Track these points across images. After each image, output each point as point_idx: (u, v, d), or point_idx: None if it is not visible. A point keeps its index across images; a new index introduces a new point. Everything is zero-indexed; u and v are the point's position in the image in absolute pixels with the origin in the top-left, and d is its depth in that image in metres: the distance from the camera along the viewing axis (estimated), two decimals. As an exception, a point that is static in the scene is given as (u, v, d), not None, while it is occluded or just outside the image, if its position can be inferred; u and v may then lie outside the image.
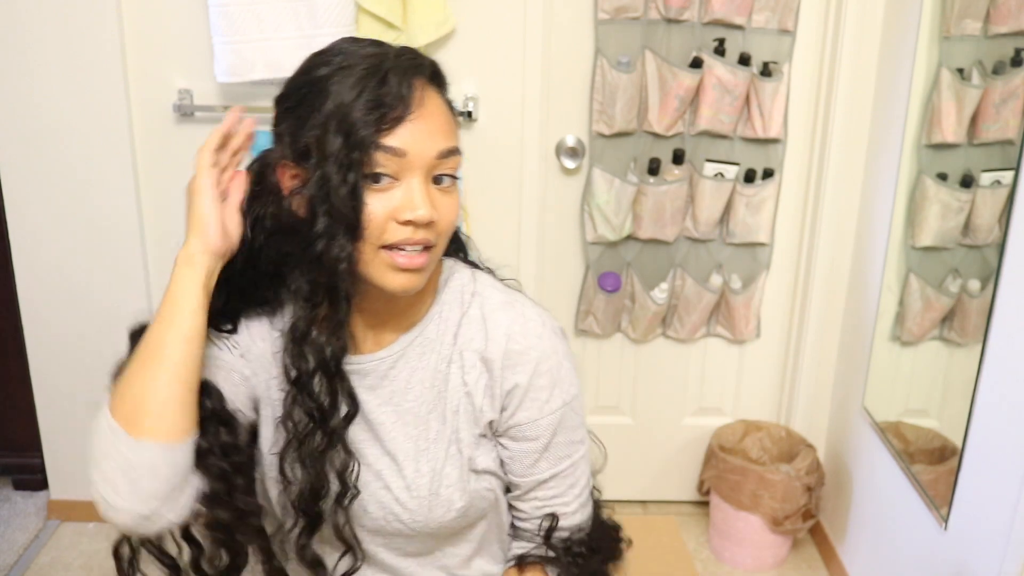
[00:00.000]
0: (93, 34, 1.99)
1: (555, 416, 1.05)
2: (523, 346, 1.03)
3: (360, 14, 1.96)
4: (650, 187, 2.15)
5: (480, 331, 1.04)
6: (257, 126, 2.30)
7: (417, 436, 1.05)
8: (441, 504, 1.04)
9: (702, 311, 2.29)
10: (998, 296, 1.52)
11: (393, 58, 0.94)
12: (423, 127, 0.93)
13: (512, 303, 1.06)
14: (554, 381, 1.04)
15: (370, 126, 0.90)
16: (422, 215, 0.92)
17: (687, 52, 2.08)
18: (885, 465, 1.96)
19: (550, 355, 1.04)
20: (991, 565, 1.51)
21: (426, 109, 0.93)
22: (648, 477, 2.48)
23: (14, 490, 2.47)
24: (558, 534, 1.10)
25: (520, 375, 1.03)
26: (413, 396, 1.05)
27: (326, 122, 0.91)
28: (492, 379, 1.04)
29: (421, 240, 0.94)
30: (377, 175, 0.92)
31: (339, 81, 0.92)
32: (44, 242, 2.15)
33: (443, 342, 1.05)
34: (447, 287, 1.07)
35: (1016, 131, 1.54)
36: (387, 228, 0.93)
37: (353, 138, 0.90)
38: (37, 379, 2.27)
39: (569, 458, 1.09)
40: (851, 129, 2.11)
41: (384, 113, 0.91)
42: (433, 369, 1.05)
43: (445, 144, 0.94)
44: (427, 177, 0.94)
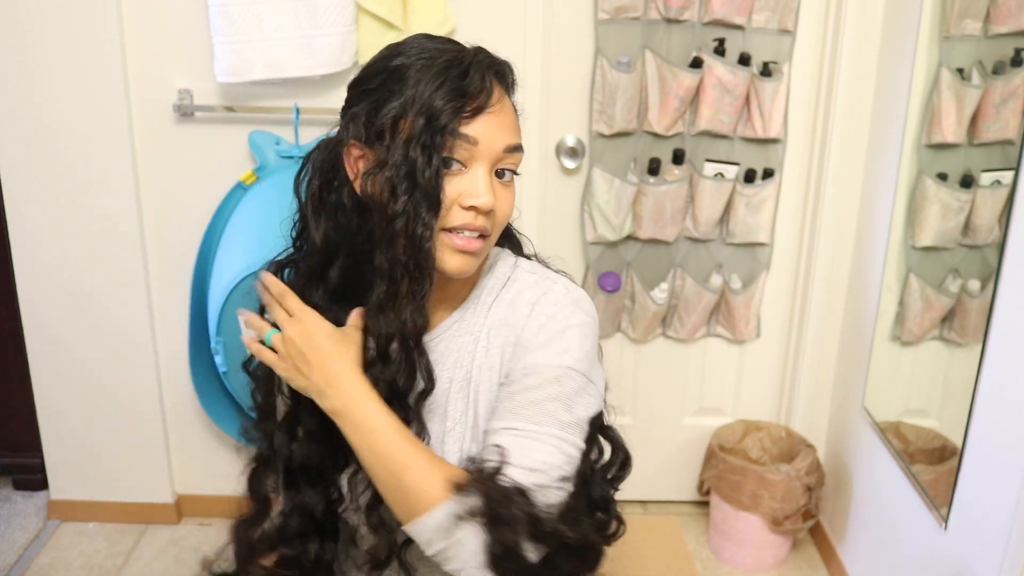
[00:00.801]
0: (93, 34, 1.99)
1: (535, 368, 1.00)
2: (540, 311, 1.04)
3: (360, 14, 1.96)
4: (650, 187, 2.15)
5: (509, 308, 1.07)
6: (256, 126, 2.31)
7: (444, 417, 1.07)
8: None
9: (702, 311, 2.29)
10: (998, 296, 1.52)
11: (473, 54, 1.00)
12: (496, 121, 0.98)
13: (542, 280, 1.08)
14: (550, 338, 1.02)
15: (452, 113, 0.95)
16: (485, 202, 0.97)
17: (687, 52, 2.08)
18: (885, 465, 1.96)
19: (560, 318, 1.03)
20: (991, 565, 1.51)
21: (500, 105, 0.99)
22: (648, 477, 2.48)
23: (14, 490, 2.47)
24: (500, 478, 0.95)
25: (529, 333, 1.03)
26: (446, 377, 1.07)
27: (406, 106, 0.96)
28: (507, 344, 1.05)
29: (480, 227, 0.99)
30: (448, 160, 0.97)
31: (421, 70, 0.97)
32: (44, 242, 2.15)
33: (476, 323, 1.08)
34: (490, 274, 1.10)
35: (1016, 131, 1.54)
36: (451, 211, 0.98)
37: (436, 123, 0.95)
38: (37, 379, 2.27)
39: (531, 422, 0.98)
40: (851, 129, 2.11)
41: (466, 102, 0.96)
42: (464, 350, 1.07)
43: (513, 140, 1.00)
44: (492, 168, 1.00)
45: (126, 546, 2.30)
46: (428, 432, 1.05)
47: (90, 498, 2.37)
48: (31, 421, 2.32)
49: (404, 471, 0.95)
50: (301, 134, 2.04)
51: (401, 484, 0.95)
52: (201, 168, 2.12)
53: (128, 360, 2.24)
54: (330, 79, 2.02)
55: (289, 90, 2.04)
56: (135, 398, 2.28)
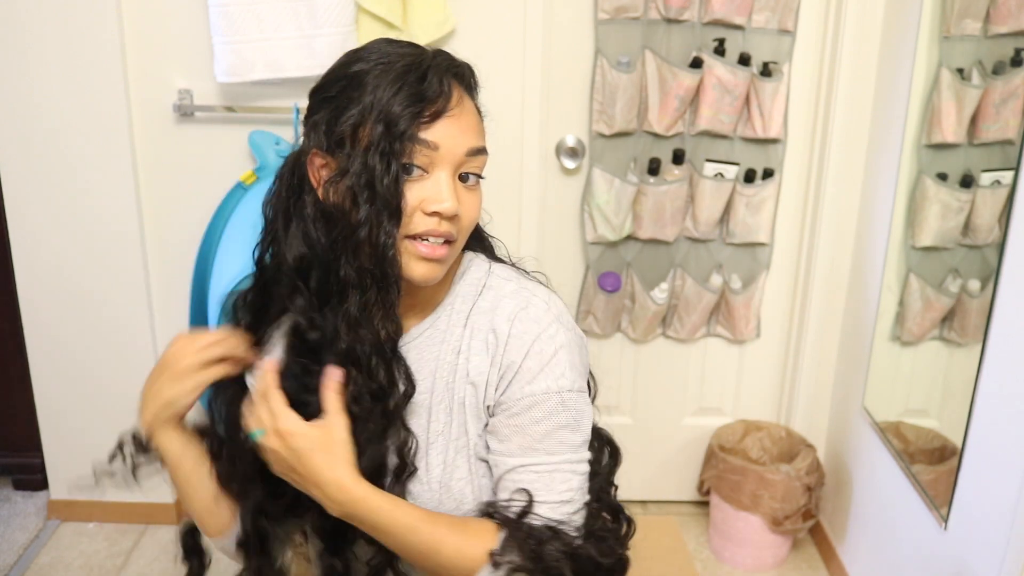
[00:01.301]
0: (93, 34, 1.99)
1: (534, 398, 1.01)
2: (521, 329, 1.02)
3: (360, 14, 1.96)
4: (650, 187, 2.15)
5: (488, 319, 1.05)
6: (256, 126, 2.31)
7: (427, 427, 1.05)
8: (452, 497, 1.04)
9: (702, 311, 2.29)
10: (998, 296, 1.52)
11: (432, 57, 0.99)
12: (456, 124, 0.97)
13: (522, 289, 1.06)
14: (543, 365, 1.01)
15: (410, 118, 0.94)
16: (448, 207, 0.96)
17: (687, 52, 2.08)
18: (885, 465, 1.96)
19: (545, 339, 1.02)
20: (991, 565, 1.51)
21: (460, 108, 0.98)
22: (648, 477, 2.48)
23: (14, 490, 2.47)
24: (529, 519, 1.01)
25: (515, 355, 1.02)
26: (424, 388, 1.05)
27: (365, 113, 0.94)
28: (493, 362, 1.03)
29: (444, 232, 0.97)
30: (409, 166, 0.96)
31: (379, 75, 0.96)
32: (44, 242, 2.15)
33: (453, 333, 1.06)
34: (463, 280, 1.08)
35: (1016, 131, 1.54)
36: (414, 218, 0.97)
37: (394, 129, 0.94)
38: (37, 379, 2.27)
39: (548, 455, 1.02)
40: (851, 129, 2.11)
41: (424, 107, 0.95)
42: (440, 360, 1.05)
43: (475, 143, 0.99)
44: (454, 172, 0.98)
45: (126, 546, 2.30)
46: (413, 435, 1.04)
47: (90, 498, 2.37)
48: (31, 421, 2.32)
49: (435, 553, 0.98)
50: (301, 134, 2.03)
51: (437, 563, 0.99)
52: (201, 168, 2.12)
53: (128, 360, 2.24)
54: (330, 79, 2.02)
55: (289, 90, 2.04)
56: (135, 398, 2.26)
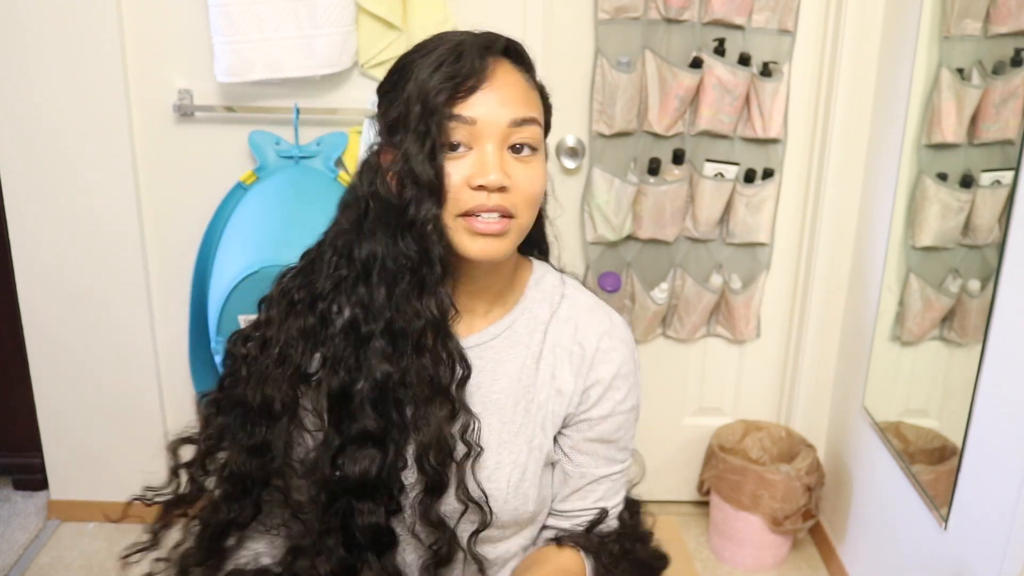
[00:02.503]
0: (93, 34, 1.99)
1: (623, 417, 1.10)
2: (610, 346, 1.09)
3: (360, 14, 1.96)
4: (650, 187, 2.15)
5: (571, 329, 1.09)
6: (256, 126, 2.31)
7: (501, 428, 1.07)
8: (519, 496, 1.06)
9: (702, 311, 2.29)
10: (998, 296, 1.52)
11: (471, 38, 1.00)
12: (494, 97, 0.97)
13: (599, 306, 1.13)
14: (630, 385, 1.10)
15: (443, 96, 0.95)
16: (493, 180, 0.96)
17: (687, 52, 2.08)
18: (885, 465, 1.96)
19: (630, 360, 1.10)
20: (991, 565, 1.51)
21: (499, 80, 0.98)
22: (648, 477, 2.47)
23: (14, 490, 2.47)
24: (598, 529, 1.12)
25: (604, 372, 1.08)
26: (499, 388, 1.07)
27: (408, 99, 0.97)
28: (579, 373, 1.08)
29: (495, 207, 0.97)
30: (454, 144, 0.96)
31: (420, 61, 0.98)
32: (44, 242, 2.15)
33: (533, 338, 1.08)
34: (538, 286, 1.11)
35: (1016, 131, 1.54)
36: (463, 194, 0.97)
37: (428, 108, 0.95)
38: (37, 379, 2.27)
39: (620, 464, 1.13)
40: (851, 129, 2.11)
41: (457, 84, 0.95)
42: (521, 363, 1.08)
43: (518, 113, 0.98)
44: (501, 145, 0.98)
45: (126, 546, 2.30)
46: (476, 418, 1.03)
47: (90, 498, 2.37)
48: (31, 421, 2.32)
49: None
50: (301, 134, 2.04)
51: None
52: (201, 168, 2.12)
53: (128, 360, 2.24)
54: (330, 79, 2.02)
55: (289, 90, 2.04)
56: (135, 398, 2.28)
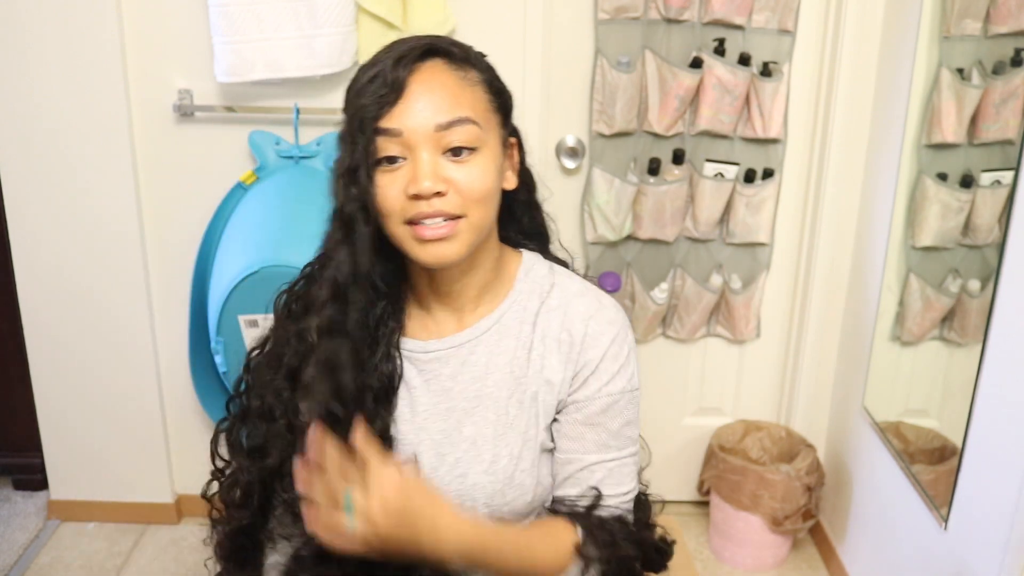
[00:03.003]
0: (93, 34, 1.99)
1: (612, 398, 1.08)
2: (598, 330, 1.08)
3: (360, 14, 1.96)
4: (650, 187, 2.15)
5: (559, 317, 1.08)
6: (256, 126, 2.31)
7: (496, 421, 1.07)
8: (515, 487, 1.07)
9: (702, 311, 2.29)
10: (998, 296, 1.52)
11: (399, 46, 1.00)
12: (417, 105, 0.97)
13: (588, 290, 1.12)
14: (620, 366, 1.08)
15: (370, 113, 0.97)
16: (425, 188, 0.96)
17: (687, 52, 2.08)
18: (885, 465, 1.96)
19: (621, 341, 1.08)
20: (991, 565, 1.51)
21: (423, 86, 0.98)
22: (648, 477, 2.48)
23: (14, 490, 2.47)
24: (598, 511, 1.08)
25: (592, 355, 1.07)
26: (493, 381, 1.08)
27: (349, 117, 1.00)
28: (568, 360, 1.08)
29: (435, 212, 0.98)
30: (391, 157, 0.98)
31: (360, 77, 1.00)
32: (44, 242, 2.15)
33: (522, 330, 1.09)
34: (527, 278, 1.11)
35: (1016, 131, 1.54)
36: (404, 205, 0.98)
37: (357, 126, 0.97)
38: (37, 379, 2.27)
39: (618, 450, 1.09)
40: (851, 129, 2.11)
41: (380, 98, 0.97)
42: (512, 355, 1.08)
43: (444, 117, 0.97)
44: (435, 150, 0.98)
45: (126, 546, 2.30)
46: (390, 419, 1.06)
47: (90, 498, 2.37)
48: (31, 421, 2.32)
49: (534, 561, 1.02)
50: (301, 134, 2.04)
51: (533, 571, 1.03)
52: (201, 168, 2.12)
53: (128, 360, 2.24)
54: (330, 79, 2.02)
55: (289, 90, 2.04)
56: (135, 398, 2.28)
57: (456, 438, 1.07)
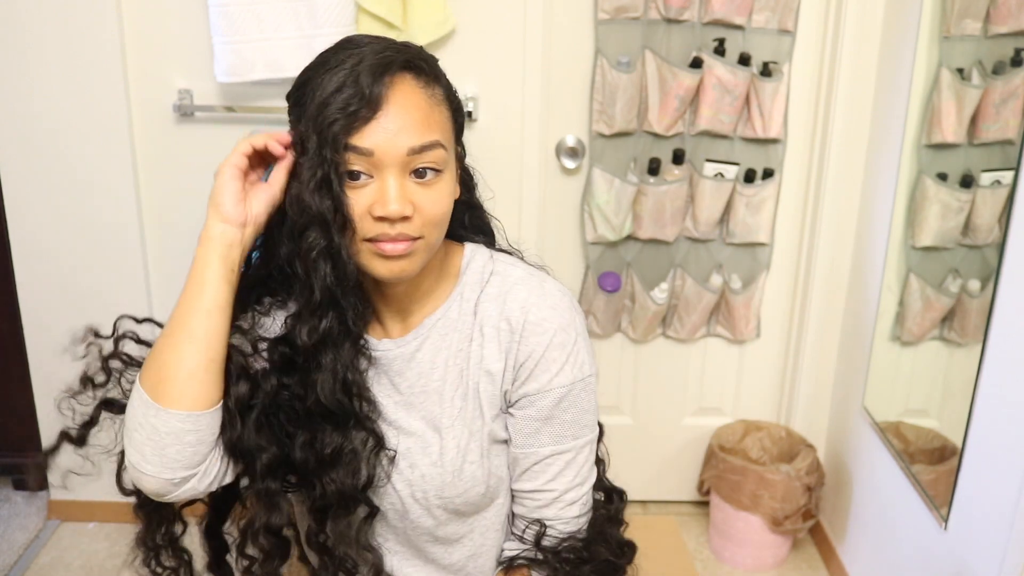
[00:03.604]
0: (93, 34, 1.99)
1: (563, 390, 1.06)
2: (539, 317, 1.05)
3: (360, 14, 1.96)
4: (650, 187, 2.15)
5: (498, 305, 1.07)
6: (256, 126, 2.31)
7: (441, 414, 1.07)
8: (463, 481, 1.07)
9: (702, 311, 2.29)
10: (998, 296, 1.52)
11: (370, 55, 0.95)
12: (391, 126, 0.94)
13: (531, 276, 1.09)
14: (567, 355, 1.06)
15: (340, 127, 0.93)
16: (393, 210, 0.94)
17: (687, 52, 2.08)
18: (885, 465, 1.96)
19: (567, 328, 1.06)
20: (991, 565, 1.51)
21: (397, 105, 0.95)
22: (648, 477, 2.48)
23: (14, 490, 2.47)
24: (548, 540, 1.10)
25: (535, 345, 1.05)
26: (438, 376, 1.08)
27: (308, 122, 0.95)
28: (509, 350, 1.06)
29: (398, 235, 0.96)
30: (354, 172, 0.95)
31: (323, 81, 0.95)
32: (44, 241, 2.15)
33: (464, 321, 1.08)
34: (468, 270, 1.10)
35: (1016, 131, 1.54)
36: (366, 223, 0.96)
37: (326, 138, 0.93)
38: (37, 379, 2.27)
39: (574, 439, 1.09)
40: (851, 129, 2.11)
41: (352, 113, 0.93)
42: (456, 348, 1.07)
43: (417, 140, 0.95)
44: (402, 172, 0.96)
45: (126, 546, 2.30)
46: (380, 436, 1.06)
47: (90, 498, 2.37)
48: (31, 421, 2.32)
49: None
50: (301, 134, 2.04)
51: None
52: (201, 168, 2.11)
53: (128, 360, 2.24)
54: (330, 79, 2.02)
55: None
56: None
57: (403, 433, 1.08)
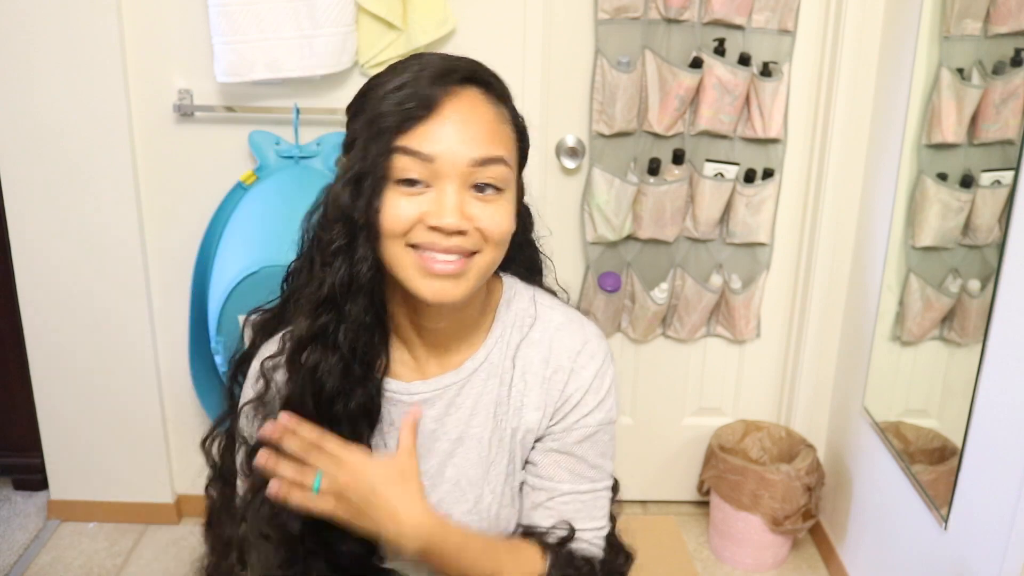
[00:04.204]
0: (93, 34, 1.99)
1: (590, 428, 1.05)
2: (582, 364, 1.04)
3: (360, 14, 1.96)
4: (650, 187, 2.15)
5: (542, 352, 1.04)
6: (256, 126, 2.31)
7: (478, 461, 1.04)
8: (500, 524, 1.06)
9: (702, 311, 2.29)
10: (998, 296, 1.52)
11: (437, 62, 0.93)
12: (454, 132, 0.90)
13: (571, 322, 1.06)
14: (600, 400, 1.06)
15: (393, 127, 0.90)
16: (449, 223, 0.90)
17: (687, 52, 2.08)
18: (885, 465, 1.96)
19: (603, 375, 1.06)
20: (991, 565, 1.51)
21: (460, 113, 0.91)
22: (648, 477, 2.48)
23: (14, 490, 2.47)
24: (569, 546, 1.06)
25: (574, 389, 1.04)
26: (478, 422, 1.04)
27: (361, 124, 0.93)
28: (549, 397, 1.04)
29: (451, 247, 0.91)
30: (411, 180, 0.91)
31: (383, 84, 0.93)
32: (44, 241, 2.14)
33: (504, 367, 1.04)
34: (509, 309, 1.06)
35: (1016, 131, 1.54)
36: (416, 229, 0.91)
37: (374, 135, 0.90)
38: (37, 379, 2.27)
39: (592, 483, 1.07)
40: (851, 129, 2.11)
41: (407, 111, 0.89)
42: (496, 394, 1.04)
43: (480, 152, 0.91)
44: (463, 184, 0.91)
45: (126, 546, 2.30)
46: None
47: (90, 498, 2.37)
48: (31, 421, 2.32)
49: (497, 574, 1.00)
50: (301, 134, 2.04)
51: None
52: (201, 168, 2.12)
53: (128, 360, 2.24)
54: (330, 79, 2.02)
55: (289, 90, 2.04)
56: (135, 398, 2.28)
57: (438, 480, 1.04)
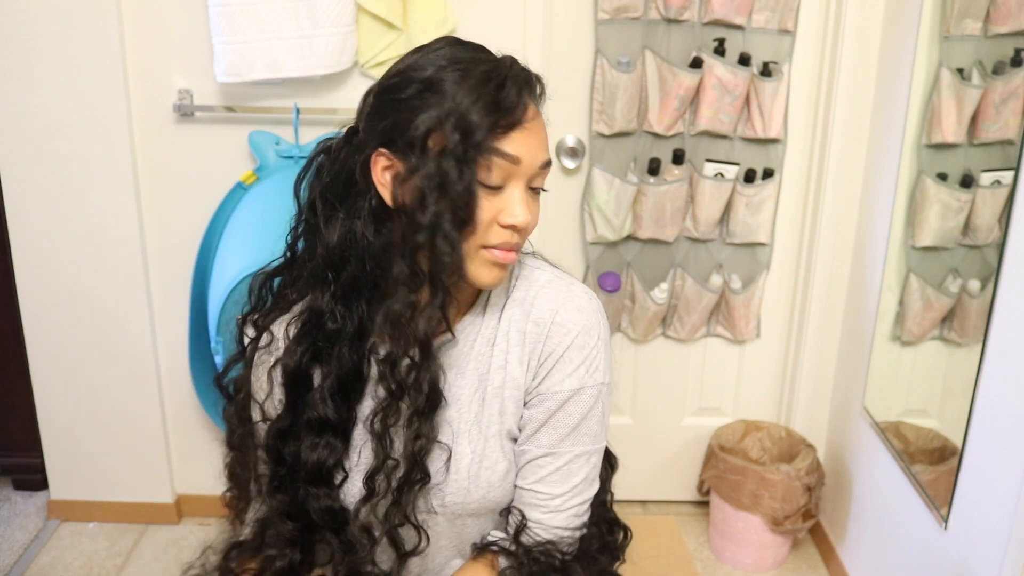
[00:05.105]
0: (93, 34, 1.99)
1: (571, 392, 1.05)
2: (564, 318, 1.06)
3: (360, 14, 1.96)
4: (650, 187, 2.15)
5: (524, 309, 1.08)
6: (256, 126, 2.31)
7: (458, 419, 1.07)
8: (480, 485, 1.06)
9: (702, 311, 2.29)
10: (998, 296, 1.52)
11: (508, 66, 0.99)
12: (533, 138, 0.98)
13: (558, 279, 1.10)
14: (585, 359, 1.05)
15: (487, 129, 0.95)
16: (523, 221, 0.99)
17: (687, 52, 2.08)
18: (885, 465, 1.96)
19: (589, 331, 1.06)
20: (991, 565, 1.51)
21: (535, 120, 1.00)
22: (648, 477, 2.48)
23: (14, 490, 2.47)
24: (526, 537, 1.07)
25: (556, 344, 1.05)
26: (462, 382, 1.07)
27: (442, 119, 0.94)
28: (532, 351, 1.06)
29: (517, 243, 1.01)
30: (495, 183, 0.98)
31: (457, 81, 0.96)
32: (44, 241, 2.15)
33: (488, 325, 1.08)
34: None
35: (1016, 131, 1.54)
36: (490, 229, 0.99)
37: (471, 138, 0.94)
38: (37, 379, 2.27)
39: (571, 450, 1.06)
40: (851, 129, 2.11)
41: (501, 117, 0.95)
42: (479, 352, 1.07)
43: (544, 156, 1.01)
44: (528, 184, 1.00)
45: (126, 546, 2.30)
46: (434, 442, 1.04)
47: (90, 498, 2.37)
48: (31, 421, 2.32)
49: None
50: (301, 134, 2.04)
51: None
52: (201, 168, 2.12)
53: (128, 360, 2.24)
54: (330, 79, 2.02)
55: (289, 90, 2.04)
56: (135, 398, 2.28)
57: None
